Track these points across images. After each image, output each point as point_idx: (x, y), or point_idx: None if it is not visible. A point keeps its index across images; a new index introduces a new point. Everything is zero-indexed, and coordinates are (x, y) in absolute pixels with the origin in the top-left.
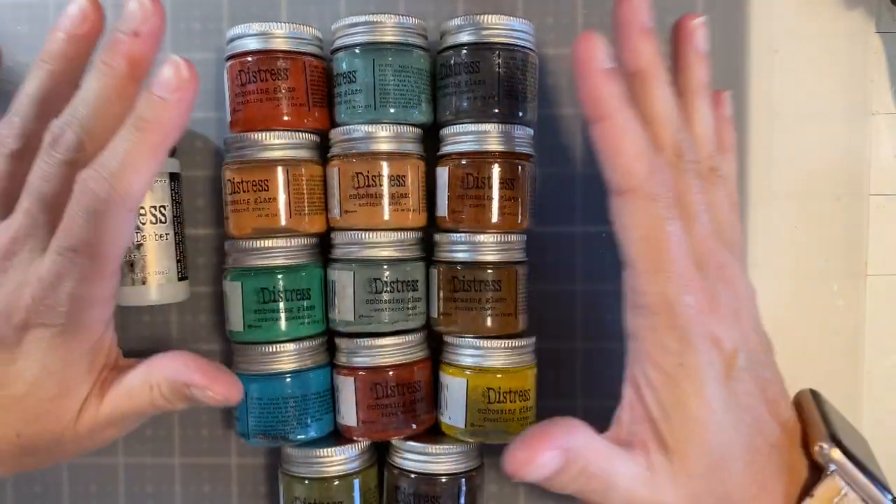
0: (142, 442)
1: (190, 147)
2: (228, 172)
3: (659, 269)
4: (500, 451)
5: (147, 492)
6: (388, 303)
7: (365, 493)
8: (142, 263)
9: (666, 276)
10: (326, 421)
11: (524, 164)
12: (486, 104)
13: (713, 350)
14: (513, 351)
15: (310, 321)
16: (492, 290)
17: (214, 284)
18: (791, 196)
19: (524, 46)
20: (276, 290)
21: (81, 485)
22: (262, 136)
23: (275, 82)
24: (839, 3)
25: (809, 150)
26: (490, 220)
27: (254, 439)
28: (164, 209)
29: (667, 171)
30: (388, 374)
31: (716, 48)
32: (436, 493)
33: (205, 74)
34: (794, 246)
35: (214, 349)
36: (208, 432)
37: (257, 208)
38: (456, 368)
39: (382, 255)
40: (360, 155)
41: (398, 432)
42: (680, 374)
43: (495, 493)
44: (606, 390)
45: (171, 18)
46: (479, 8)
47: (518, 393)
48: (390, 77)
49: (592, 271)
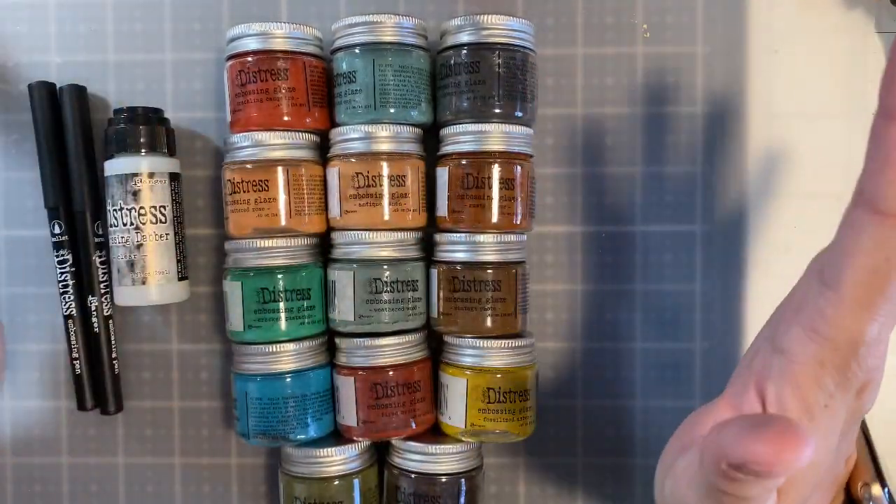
0: (142, 442)
1: (190, 147)
2: (228, 172)
3: (869, 307)
4: (500, 451)
5: (147, 492)
6: (388, 303)
7: (365, 493)
8: (142, 263)
9: (871, 318)
10: (326, 421)
11: (524, 164)
12: (486, 104)
13: (855, 397)
14: (513, 351)
15: (310, 321)
16: (492, 290)
17: (214, 284)
18: (791, 196)
19: (524, 46)
20: (276, 290)
21: (81, 485)
22: (262, 137)
23: (275, 82)
24: (839, 3)
25: (809, 150)
26: (490, 220)
27: (254, 439)
28: (165, 209)
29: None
30: (388, 374)
31: (716, 48)
32: (436, 493)
33: (205, 74)
34: (794, 246)
35: (214, 349)
36: (208, 432)
37: (257, 208)
38: (456, 368)
39: (382, 255)
40: (360, 155)
41: (398, 432)
42: (821, 415)
43: (495, 493)
44: (606, 390)
45: (171, 18)
46: (479, 8)
47: (518, 393)
48: (390, 77)
49: (592, 271)
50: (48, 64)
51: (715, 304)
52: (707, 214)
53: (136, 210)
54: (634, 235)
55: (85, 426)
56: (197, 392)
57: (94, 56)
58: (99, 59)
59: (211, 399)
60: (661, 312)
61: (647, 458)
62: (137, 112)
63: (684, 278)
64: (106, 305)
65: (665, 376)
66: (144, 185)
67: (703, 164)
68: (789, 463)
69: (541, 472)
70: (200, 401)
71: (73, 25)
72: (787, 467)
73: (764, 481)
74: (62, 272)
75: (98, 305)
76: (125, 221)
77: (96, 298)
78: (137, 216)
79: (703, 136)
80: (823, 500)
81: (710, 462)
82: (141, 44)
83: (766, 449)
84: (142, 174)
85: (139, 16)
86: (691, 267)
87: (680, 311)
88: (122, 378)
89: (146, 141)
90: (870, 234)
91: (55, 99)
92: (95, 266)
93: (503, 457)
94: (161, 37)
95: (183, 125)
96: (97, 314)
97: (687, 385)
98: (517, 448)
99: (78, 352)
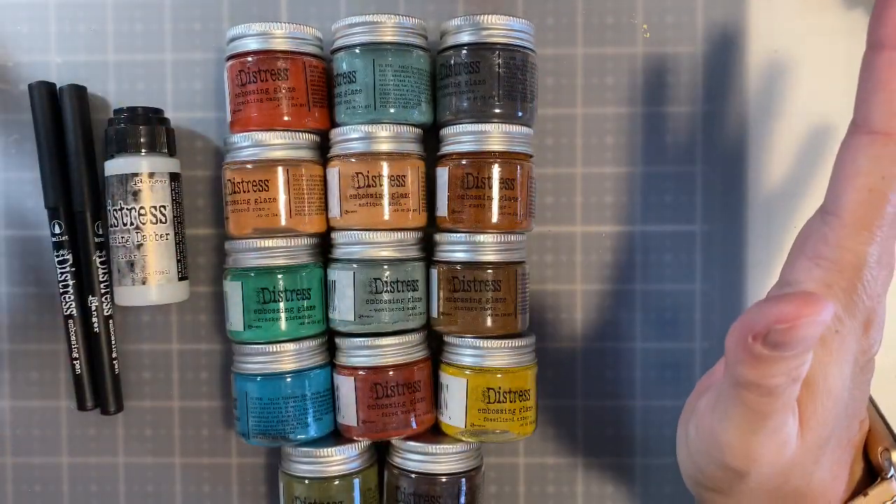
0: (142, 442)
1: (190, 147)
2: (228, 172)
3: (868, 227)
4: (500, 451)
5: (147, 492)
6: (388, 303)
7: (365, 493)
8: (142, 263)
9: (870, 236)
10: (326, 421)
11: (524, 164)
12: (486, 104)
13: (863, 332)
14: (513, 351)
15: (310, 321)
16: (492, 290)
17: (214, 284)
18: (791, 196)
19: (524, 46)
20: (276, 290)
21: (81, 485)
22: (262, 137)
23: (275, 82)
24: (839, 3)
25: (809, 150)
26: (490, 220)
27: (254, 439)
28: (165, 209)
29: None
30: (388, 374)
31: (716, 48)
32: (436, 493)
33: (205, 74)
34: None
35: (214, 349)
36: (208, 432)
37: (257, 208)
38: (456, 368)
39: (382, 255)
40: (360, 155)
41: (398, 432)
42: (833, 340)
43: (495, 493)
44: (606, 390)
45: (171, 18)
46: (479, 8)
47: (518, 393)
48: (390, 77)
49: (592, 271)
50: (48, 64)
51: (715, 304)
52: (707, 214)
53: (137, 210)
54: (634, 235)
55: (85, 426)
56: (197, 392)
57: (94, 56)
58: (99, 59)
59: (211, 399)
60: (661, 312)
61: (647, 458)
62: (137, 112)
63: (684, 278)
64: (106, 305)
65: (665, 376)
66: (144, 185)
67: (702, 163)
68: (811, 321)
69: (541, 472)
70: (200, 401)
71: (73, 25)
72: (809, 327)
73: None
74: (62, 272)
75: (98, 305)
76: (125, 221)
77: (96, 298)
78: (137, 216)
79: (703, 135)
80: (841, 461)
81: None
82: (141, 44)
83: (788, 308)
84: (142, 174)
85: (139, 16)
86: (691, 267)
87: (680, 311)
88: (122, 378)
89: (146, 141)
90: (865, 153)
91: (55, 99)
92: (95, 266)
93: (503, 457)
94: (161, 37)
95: (183, 125)
96: (97, 314)
97: (687, 385)
98: (517, 448)
99: (78, 352)
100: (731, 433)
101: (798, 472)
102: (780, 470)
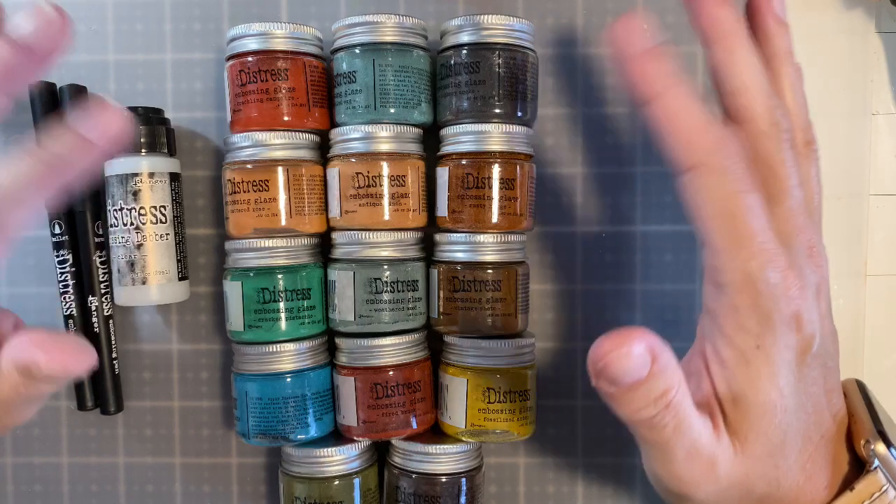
0: (142, 442)
1: (190, 147)
2: (228, 172)
3: (740, 245)
4: (500, 451)
5: (147, 492)
6: (388, 303)
7: (365, 493)
8: (142, 263)
9: (748, 252)
10: (326, 421)
11: (524, 164)
12: (486, 104)
13: (792, 333)
14: (513, 351)
15: (310, 321)
16: (492, 290)
17: (214, 284)
18: None
19: (524, 46)
20: (276, 290)
21: (81, 485)
22: (262, 137)
23: (275, 82)
24: (839, 3)
25: None
26: (490, 220)
27: (254, 439)
28: (165, 209)
29: (734, 141)
30: (388, 374)
31: None
32: (436, 493)
33: (205, 74)
34: None
35: (214, 349)
36: (208, 432)
37: (257, 208)
38: (456, 368)
39: (382, 255)
40: (360, 155)
41: (398, 432)
42: (755, 357)
43: (495, 493)
44: None
45: (171, 18)
46: (479, 8)
47: (518, 393)
48: (390, 77)
49: (592, 271)
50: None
51: None
52: None
53: (137, 210)
54: (634, 235)
55: (85, 426)
56: (197, 392)
57: (94, 56)
58: (99, 59)
59: (211, 399)
60: (661, 312)
61: None
62: (137, 112)
63: (684, 278)
64: (106, 305)
65: None
66: (144, 185)
67: None
68: (618, 354)
69: (541, 472)
70: (200, 401)
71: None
72: (620, 361)
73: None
74: (62, 272)
75: (98, 305)
76: (125, 221)
77: (96, 298)
78: (138, 216)
79: None
80: (814, 458)
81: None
82: (141, 44)
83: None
84: (142, 174)
85: (139, 16)
86: (691, 267)
87: (680, 311)
88: (122, 378)
89: (146, 141)
90: (696, 188)
91: (55, 99)
92: (95, 266)
93: (503, 457)
94: (161, 37)
95: (183, 125)
96: (97, 314)
97: None
98: (517, 448)
99: None
100: (653, 465)
101: (759, 481)
102: (727, 485)
